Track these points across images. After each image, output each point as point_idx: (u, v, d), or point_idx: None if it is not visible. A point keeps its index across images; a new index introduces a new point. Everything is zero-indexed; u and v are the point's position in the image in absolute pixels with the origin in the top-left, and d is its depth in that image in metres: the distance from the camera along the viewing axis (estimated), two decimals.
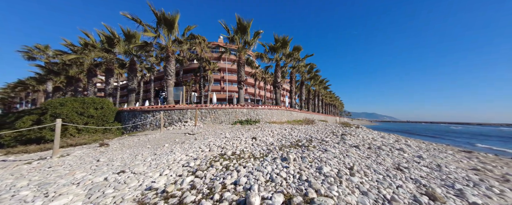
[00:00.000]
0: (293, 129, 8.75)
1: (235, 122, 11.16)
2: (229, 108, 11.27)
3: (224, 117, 11.16)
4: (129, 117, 10.24)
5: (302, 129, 9.12)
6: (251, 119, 11.67)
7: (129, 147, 5.45)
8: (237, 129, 8.39)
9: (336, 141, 5.35)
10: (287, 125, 11.16)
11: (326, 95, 38.17)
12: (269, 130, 7.90)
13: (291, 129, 8.56)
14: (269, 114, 12.51)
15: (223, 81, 36.07)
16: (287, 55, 14.82)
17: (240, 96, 13.00)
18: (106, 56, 11.38)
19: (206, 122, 10.77)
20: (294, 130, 8.19)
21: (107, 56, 11.53)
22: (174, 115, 10.37)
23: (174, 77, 11.53)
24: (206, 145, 4.98)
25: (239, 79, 13.11)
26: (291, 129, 8.74)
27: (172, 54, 11.27)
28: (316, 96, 31.24)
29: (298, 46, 14.68)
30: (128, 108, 10.42)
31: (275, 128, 8.64)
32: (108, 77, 14.16)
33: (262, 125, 10.49)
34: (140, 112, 10.19)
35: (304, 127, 10.44)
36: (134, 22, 10.20)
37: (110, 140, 7.44)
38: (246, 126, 9.52)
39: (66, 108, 8.28)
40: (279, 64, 15.48)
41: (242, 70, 12.93)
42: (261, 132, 7.18)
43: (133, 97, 12.71)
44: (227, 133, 7.07)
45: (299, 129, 8.95)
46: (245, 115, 11.68)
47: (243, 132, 7.36)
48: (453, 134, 22.11)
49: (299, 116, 17.20)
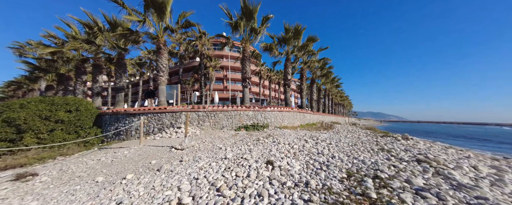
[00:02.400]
0: (315, 139, 6.68)
1: (239, 127, 9.20)
2: (232, 110, 9.31)
3: (225, 121, 9.22)
4: (111, 121, 8.45)
5: (325, 138, 7.04)
6: (258, 123, 9.68)
7: (66, 183, 3.47)
8: (242, 139, 6.41)
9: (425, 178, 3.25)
10: (303, 132, 9.09)
11: (336, 94, 35.65)
12: (285, 142, 5.87)
13: (314, 140, 6.49)
14: (279, 117, 10.48)
15: (226, 79, 34.20)
16: (300, 47, 12.61)
17: (245, 96, 11.00)
18: (86, 47, 9.59)
19: (204, 128, 8.86)
20: (319, 142, 6.12)
21: (88, 48, 9.74)
22: (165, 119, 8.50)
23: (167, 73, 9.65)
24: (193, 178, 3.02)
25: (243, 76, 11.10)
26: (313, 139, 6.67)
27: (164, 46, 9.39)
28: (326, 95, 28.87)
29: (313, 36, 12.38)
30: (111, 110, 8.62)
31: (292, 138, 6.60)
32: (95, 74, 12.46)
33: (273, 131, 8.48)
34: (124, 116, 8.37)
35: (327, 134, 8.34)
36: (116, 5, 8.33)
37: (66, 157, 5.55)
38: (253, 134, 7.53)
39: (26, 111, 6.54)
40: (289, 59, 13.35)
41: (247, 65, 10.91)
42: (275, 147, 5.16)
43: (121, 97, 10.95)
44: (228, 148, 5.08)
45: (322, 138, 6.87)
46: (251, 118, 9.69)
47: (251, 146, 5.36)
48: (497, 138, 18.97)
49: (313, 119, 15.05)
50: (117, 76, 10.75)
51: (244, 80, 11.05)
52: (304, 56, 14.65)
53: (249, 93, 11.55)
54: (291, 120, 11.14)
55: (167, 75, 9.65)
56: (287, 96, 13.59)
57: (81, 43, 9.45)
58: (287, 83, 13.52)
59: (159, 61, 9.31)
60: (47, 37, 11.79)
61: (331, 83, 26.05)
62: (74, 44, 9.33)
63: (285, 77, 13.52)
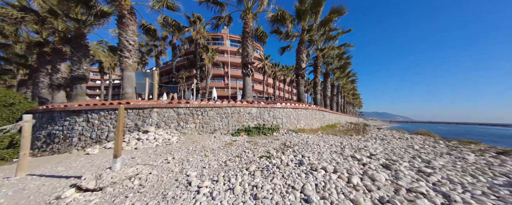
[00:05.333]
0: (367, 154, 3.69)
1: (237, 130, 6.32)
2: (227, 107, 6.43)
3: (218, 122, 6.35)
4: (43, 123, 5.63)
5: (380, 152, 4.04)
6: (265, 124, 6.77)
7: None
8: (240, 153, 3.49)
9: None
10: (331, 138, 6.09)
11: (349, 92, 32.26)
12: (322, 164, 2.89)
13: (364, 160, 3.48)
14: (293, 116, 7.51)
15: (227, 77, 31.35)
16: (319, 24, 9.45)
17: (246, 87, 8.08)
18: (15, 15, 6.53)
19: (187, 131, 6.01)
20: (390, 165, 3.12)
21: (29, 18, 6.81)
22: (126, 119, 5.67)
23: (135, 53, 6.82)
24: None
25: (244, 60, 8.15)
26: (366, 155, 3.67)
27: (129, 14, 6.54)
28: (339, 92, 25.63)
29: (337, 7, 8.63)
30: (42, 107, 5.81)
31: (327, 153, 3.63)
32: (56, 61, 9.79)
33: (288, 137, 5.52)
34: (62, 114, 5.55)
35: (372, 145, 5.30)
36: None
37: None
38: (258, 142, 4.58)
39: None
40: (303, 41, 10.30)
41: (249, 44, 7.96)
42: (310, 183, 2.20)
43: (81, 90, 8.19)
44: (207, 185, 2.17)
45: (378, 153, 3.87)
46: (255, 118, 6.78)
47: (257, 178, 2.42)
48: None
49: (331, 119, 11.99)
50: (74, 62, 7.99)
51: (245, 66, 8.09)
52: (321, 39, 11.59)
53: (251, 84, 8.61)
54: (308, 120, 8.13)
55: (135, 57, 6.81)
56: (301, 89, 10.57)
57: (6, 9, 6.53)
58: (300, 73, 10.49)
59: (123, 35, 6.47)
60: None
61: (346, 78, 22.77)
62: (8, 12, 6.51)
63: (298, 65, 10.49)
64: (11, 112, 5.45)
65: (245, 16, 7.88)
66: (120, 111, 2.70)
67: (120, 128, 2.66)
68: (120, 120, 2.67)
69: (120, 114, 2.69)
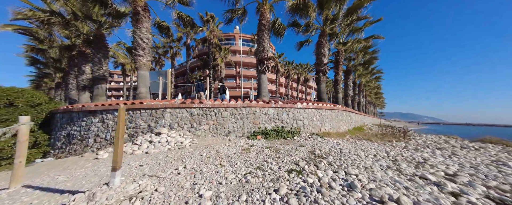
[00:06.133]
0: (449, 183, 2.75)
1: (253, 133, 5.72)
2: (242, 107, 5.88)
3: (233, 124, 5.83)
4: (63, 123, 5.70)
5: (463, 176, 3.04)
6: (284, 127, 6.05)
7: None
8: (261, 164, 2.87)
9: None
10: (369, 146, 5.12)
11: (372, 90, 29.53)
12: (377, 188, 2.10)
13: (449, 186, 2.55)
14: (317, 117, 6.64)
15: (239, 77, 31.11)
16: (347, 12, 8.25)
17: (262, 86, 7.43)
18: (54, 21, 6.77)
19: (201, 133, 5.61)
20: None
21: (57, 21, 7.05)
22: (140, 120, 5.46)
23: (149, 52, 6.64)
24: None
25: (260, 55, 7.49)
26: (449, 185, 2.74)
27: (143, 10, 6.35)
28: (360, 91, 23.51)
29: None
30: (62, 107, 5.89)
31: (375, 168, 2.79)
32: (81, 63, 10.31)
33: (314, 143, 4.73)
34: (80, 114, 5.55)
35: (434, 158, 4.22)
36: None
37: None
38: (279, 148, 3.90)
39: None
40: (325, 33, 9.26)
41: (265, 38, 7.28)
42: None
43: (101, 90, 8.41)
44: None
45: (456, 176, 2.90)
46: (272, 119, 6.11)
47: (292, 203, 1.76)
48: None
49: (357, 121, 10.72)
50: (95, 63, 8.20)
51: (261, 62, 7.43)
52: (344, 31, 10.38)
53: (267, 82, 7.95)
54: (334, 122, 7.17)
55: (149, 56, 6.63)
56: (322, 87, 9.55)
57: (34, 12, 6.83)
58: (322, 69, 9.48)
59: (137, 33, 6.31)
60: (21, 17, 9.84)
61: (370, 75, 20.66)
62: (35, 14, 6.83)
63: (319, 60, 9.49)
64: (36, 112, 5.61)
65: (262, 7, 7.21)
66: (120, 113, 2.22)
67: (120, 134, 2.20)
68: (120, 124, 2.21)
69: (120, 117, 2.22)
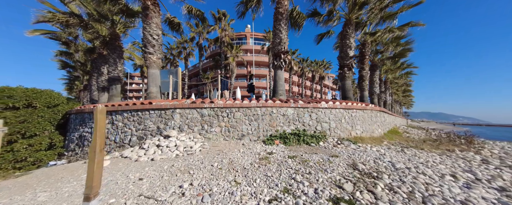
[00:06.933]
0: None
1: (270, 136, 4.99)
2: (256, 107, 5.17)
3: (247, 126, 5.17)
4: (76, 124, 5.61)
5: None
6: (306, 130, 5.20)
7: None
8: (291, 188, 2.12)
9: None
10: (427, 157, 4.01)
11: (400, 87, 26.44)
12: None
13: None
14: (346, 119, 5.61)
15: (251, 76, 30.59)
16: None
17: (278, 83, 6.62)
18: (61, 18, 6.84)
19: (212, 136, 5.06)
20: None
21: (75, 22, 7.13)
22: (148, 121, 5.10)
23: (159, 49, 6.31)
24: None
25: (276, 49, 6.68)
26: None
27: (153, 5, 6.01)
28: (387, 88, 21.11)
29: None
30: (76, 108, 5.82)
31: (471, 199, 1.83)
32: (100, 64, 10.64)
33: (349, 152, 3.80)
34: (91, 115, 5.40)
35: None
36: None
37: None
38: (307, 160, 3.09)
39: None
40: (351, 22, 8.05)
41: (282, 29, 6.45)
42: None
43: (116, 91, 8.44)
44: None
45: None
46: (292, 121, 5.30)
47: None
48: None
49: (390, 122, 9.27)
50: (110, 63, 8.24)
51: (277, 56, 6.61)
52: (373, 19, 9.00)
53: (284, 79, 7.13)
54: (367, 125, 6.04)
55: (160, 54, 6.28)
56: (348, 84, 8.37)
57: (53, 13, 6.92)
58: (347, 63, 8.29)
59: (146, 29, 6.00)
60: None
61: (399, 70, 18.31)
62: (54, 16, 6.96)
63: (344, 53, 8.31)
64: (53, 113, 5.61)
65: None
66: (97, 116, 1.58)
67: (97, 146, 1.57)
68: (98, 132, 1.58)
69: (98, 121, 1.58)
